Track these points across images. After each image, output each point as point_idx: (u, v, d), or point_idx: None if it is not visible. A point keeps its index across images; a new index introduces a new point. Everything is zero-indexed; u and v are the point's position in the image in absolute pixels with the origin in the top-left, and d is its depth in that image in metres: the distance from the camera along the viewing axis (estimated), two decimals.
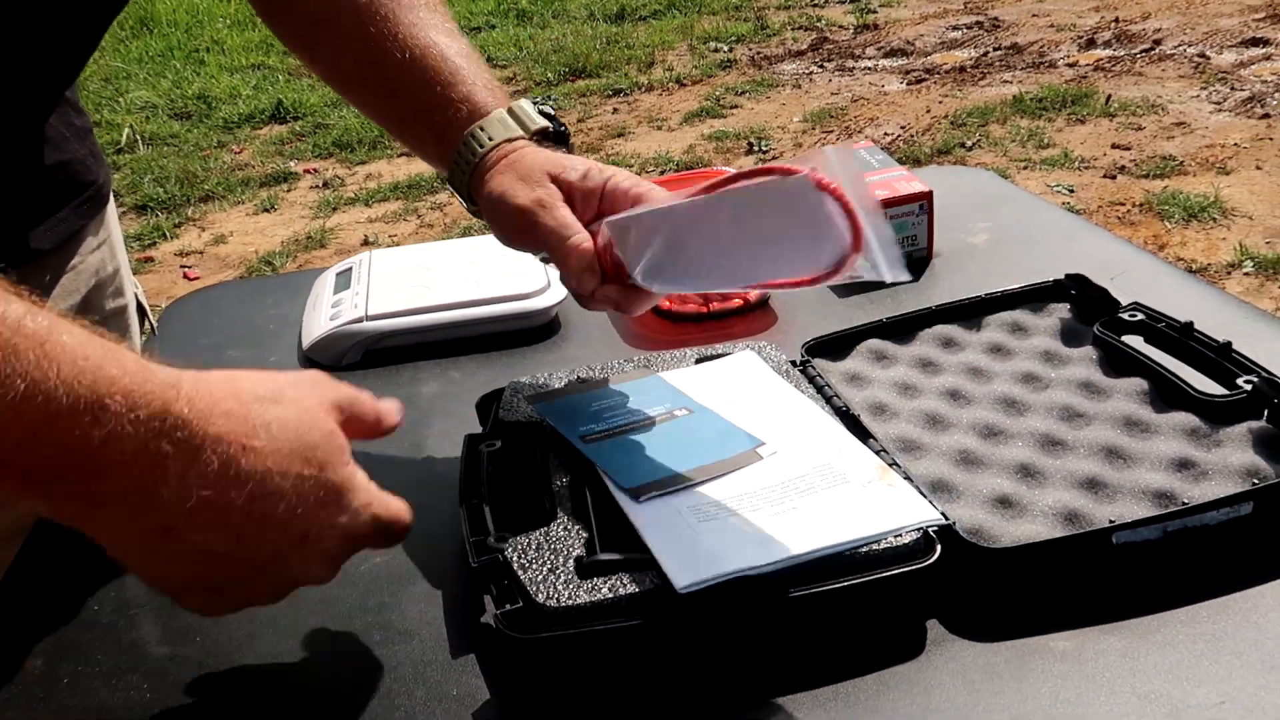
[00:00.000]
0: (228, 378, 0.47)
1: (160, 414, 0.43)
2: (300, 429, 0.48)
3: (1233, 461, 0.59)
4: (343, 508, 0.49)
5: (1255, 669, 0.50)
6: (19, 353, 0.40)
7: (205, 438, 0.44)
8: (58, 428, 0.40)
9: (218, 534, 0.45)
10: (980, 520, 0.58)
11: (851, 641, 0.54)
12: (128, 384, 0.42)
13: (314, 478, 0.47)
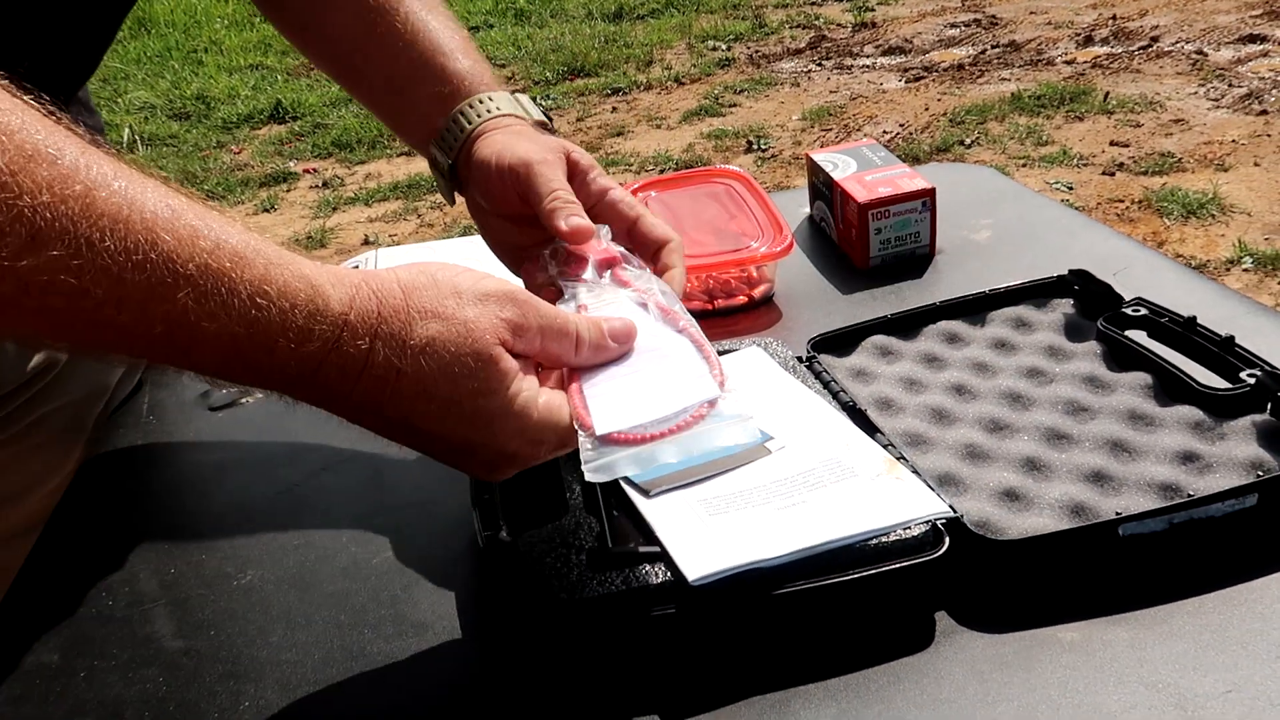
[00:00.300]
0: (405, 288, 0.49)
1: (328, 338, 0.46)
2: (456, 352, 0.48)
3: (1237, 454, 0.60)
4: (494, 432, 0.50)
5: (1261, 658, 0.50)
6: (236, 289, 0.43)
7: (366, 365, 0.47)
8: (252, 346, 0.44)
9: (393, 435, 0.50)
10: (987, 513, 0.58)
11: (862, 633, 0.54)
12: (301, 321, 0.45)
13: (460, 403, 0.48)
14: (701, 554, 0.53)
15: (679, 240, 0.65)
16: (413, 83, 0.68)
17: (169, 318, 0.42)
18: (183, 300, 0.42)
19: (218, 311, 0.43)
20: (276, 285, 0.45)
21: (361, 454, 0.75)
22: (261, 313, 0.44)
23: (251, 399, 0.84)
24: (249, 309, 0.44)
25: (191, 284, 0.42)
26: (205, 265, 0.43)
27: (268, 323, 0.44)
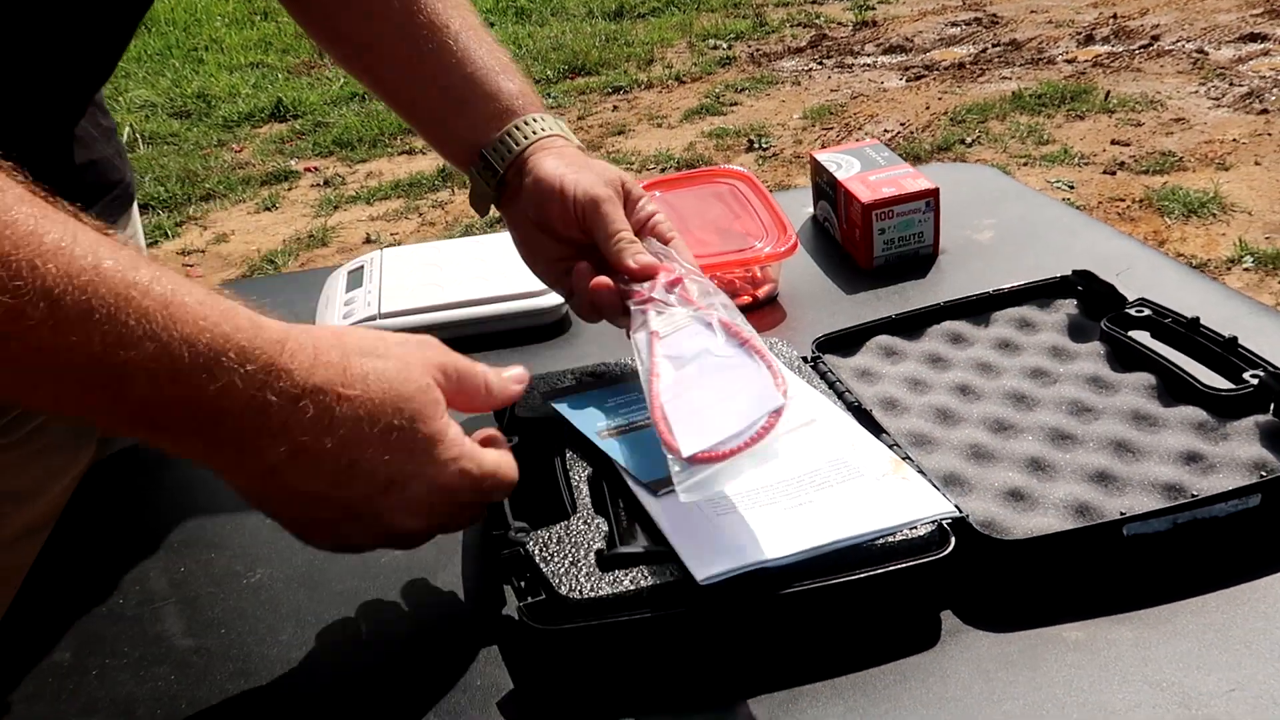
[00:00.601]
0: (335, 333, 0.51)
1: (266, 367, 0.46)
2: (396, 381, 0.51)
3: (1240, 454, 0.60)
4: (431, 459, 0.51)
5: (1264, 657, 0.51)
6: (149, 315, 0.44)
7: (305, 388, 0.47)
8: (179, 382, 0.44)
9: (314, 479, 0.49)
10: (993, 513, 0.59)
11: (868, 632, 0.55)
12: (240, 340, 0.46)
13: (403, 428, 0.50)
14: (709, 554, 0.53)
15: None
16: (465, 99, 0.70)
17: (105, 339, 0.43)
18: (121, 322, 0.43)
19: (159, 332, 0.44)
20: (218, 309, 0.46)
21: None
22: (205, 334, 0.45)
23: None
24: (196, 332, 0.45)
25: (133, 305, 0.43)
26: (147, 288, 0.44)
27: (210, 342, 0.45)
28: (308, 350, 0.48)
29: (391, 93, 0.75)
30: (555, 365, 0.83)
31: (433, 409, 0.52)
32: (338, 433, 0.48)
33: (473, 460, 0.53)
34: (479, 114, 0.70)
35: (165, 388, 0.44)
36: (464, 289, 0.91)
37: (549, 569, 0.53)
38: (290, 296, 1.01)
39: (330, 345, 0.50)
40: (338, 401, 0.48)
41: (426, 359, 0.54)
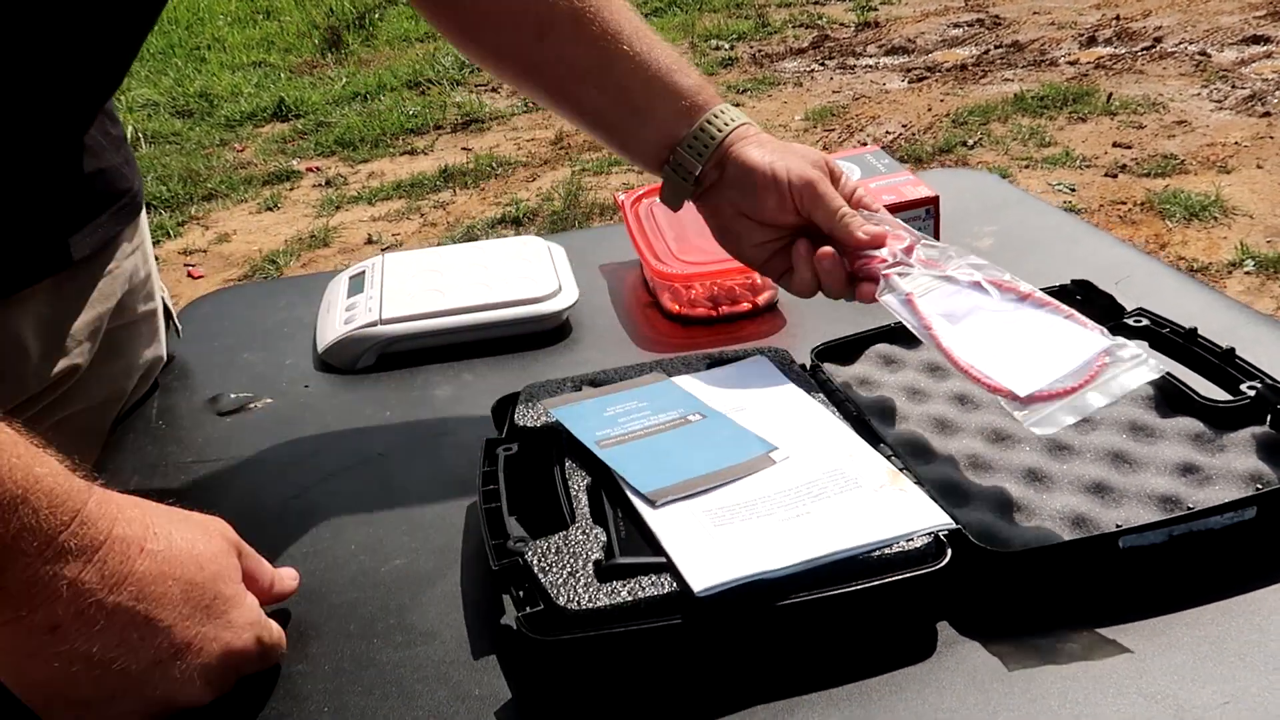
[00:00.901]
0: (135, 499, 0.51)
1: (71, 512, 0.45)
2: (198, 542, 0.51)
3: (1236, 466, 0.61)
4: (229, 622, 0.51)
5: (1259, 670, 0.51)
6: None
7: (108, 537, 0.47)
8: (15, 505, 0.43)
9: (101, 637, 0.46)
10: (989, 524, 0.59)
11: (865, 643, 0.55)
12: (50, 484, 0.45)
13: (204, 586, 0.50)
14: (707, 565, 0.53)
15: None
16: (650, 101, 0.73)
17: None
18: None
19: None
20: (30, 449, 0.46)
21: (370, 460, 0.76)
22: (16, 471, 0.44)
23: (260, 404, 0.85)
24: (7, 468, 0.44)
25: None
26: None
27: (21, 480, 0.44)
28: (111, 502, 0.48)
29: (573, 106, 0.76)
30: (555, 371, 0.83)
31: (233, 572, 0.52)
32: (136, 587, 0.46)
33: (265, 629, 0.53)
34: (665, 114, 0.73)
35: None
36: (465, 295, 0.91)
37: (547, 579, 0.53)
38: (291, 300, 1.01)
39: (133, 504, 0.50)
40: (139, 555, 0.47)
41: (225, 533, 0.54)
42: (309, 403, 0.84)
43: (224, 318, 1.00)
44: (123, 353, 0.82)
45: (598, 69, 0.73)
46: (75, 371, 0.75)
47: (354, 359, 0.88)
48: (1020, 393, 0.58)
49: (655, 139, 0.74)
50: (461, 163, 3.77)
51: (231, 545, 0.54)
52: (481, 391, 0.82)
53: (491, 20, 0.75)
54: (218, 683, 0.51)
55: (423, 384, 0.86)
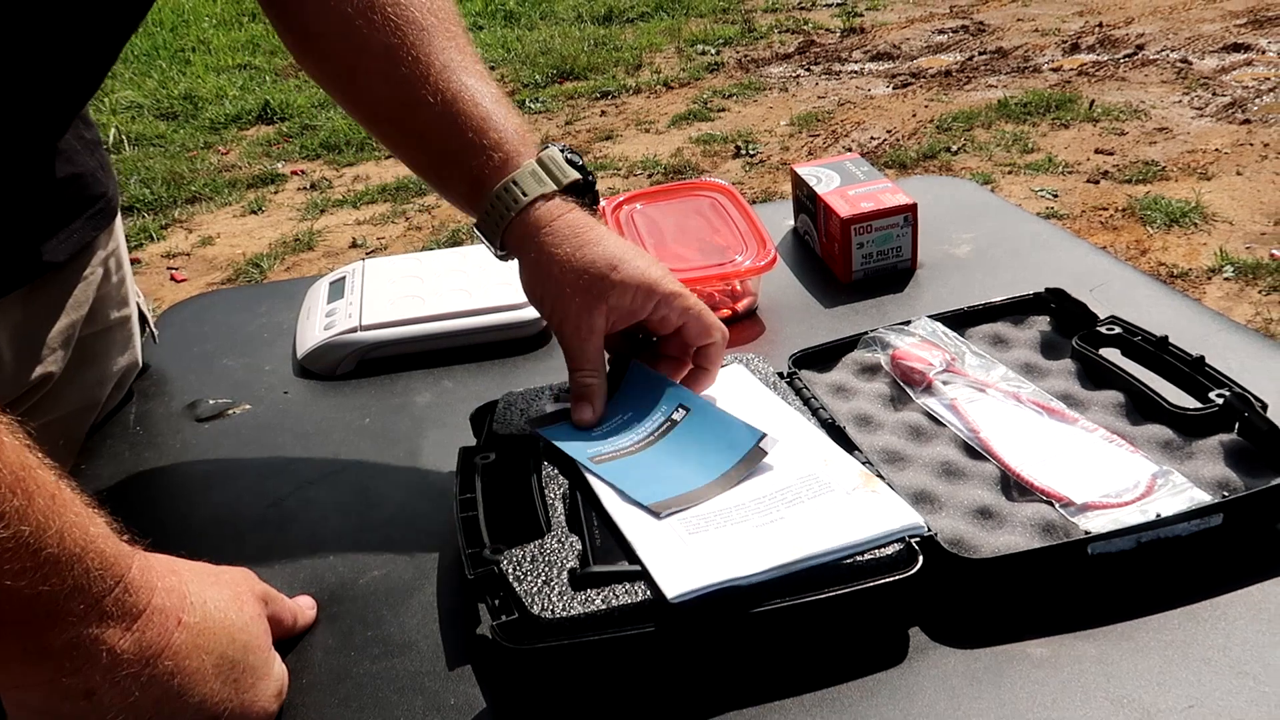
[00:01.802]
0: (172, 559, 0.51)
1: (117, 577, 0.46)
2: (230, 610, 0.51)
3: (1204, 474, 0.61)
4: (256, 695, 0.52)
5: (1223, 674, 0.52)
6: (33, 499, 0.42)
7: (147, 607, 0.47)
8: (39, 575, 0.42)
9: (134, 708, 0.46)
10: (961, 531, 0.59)
11: (837, 649, 0.55)
12: (101, 546, 0.45)
13: (235, 661, 0.50)
14: (680, 572, 0.54)
15: (722, 337, 0.69)
16: (447, 156, 0.69)
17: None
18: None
19: (37, 516, 0.42)
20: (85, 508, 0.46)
21: (348, 468, 0.76)
22: (76, 529, 0.44)
23: (239, 410, 0.85)
24: (68, 526, 0.43)
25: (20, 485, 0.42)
26: (36, 470, 0.43)
27: (79, 539, 0.44)
28: (151, 569, 0.48)
29: (388, 144, 0.73)
30: (534, 378, 0.84)
31: (263, 639, 0.53)
32: (172, 659, 0.47)
33: (285, 688, 0.55)
34: (462, 173, 0.68)
35: (22, 576, 0.42)
36: (445, 301, 0.91)
37: (522, 588, 0.54)
38: (272, 306, 1.01)
39: (169, 570, 0.50)
40: (177, 627, 0.47)
41: (253, 588, 0.55)
42: (288, 409, 0.84)
43: (203, 323, 1.00)
44: (96, 360, 0.82)
45: (401, 112, 0.68)
46: (49, 379, 0.75)
47: (334, 365, 0.88)
48: (1078, 500, 0.60)
49: (466, 200, 0.69)
50: None
51: (259, 600, 0.55)
52: (461, 398, 0.82)
53: (318, 44, 0.71)
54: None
55: (403, 390, 0.86)
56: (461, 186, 0.69)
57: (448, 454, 0.69)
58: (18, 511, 0.41)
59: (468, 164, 0.67)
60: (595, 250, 0.66)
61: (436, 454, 0.76)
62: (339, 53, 0.70)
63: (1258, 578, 0.57)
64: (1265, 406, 0.64)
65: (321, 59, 0.73)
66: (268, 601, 0.56)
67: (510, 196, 0.66)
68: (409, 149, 0.71)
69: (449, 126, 0.67)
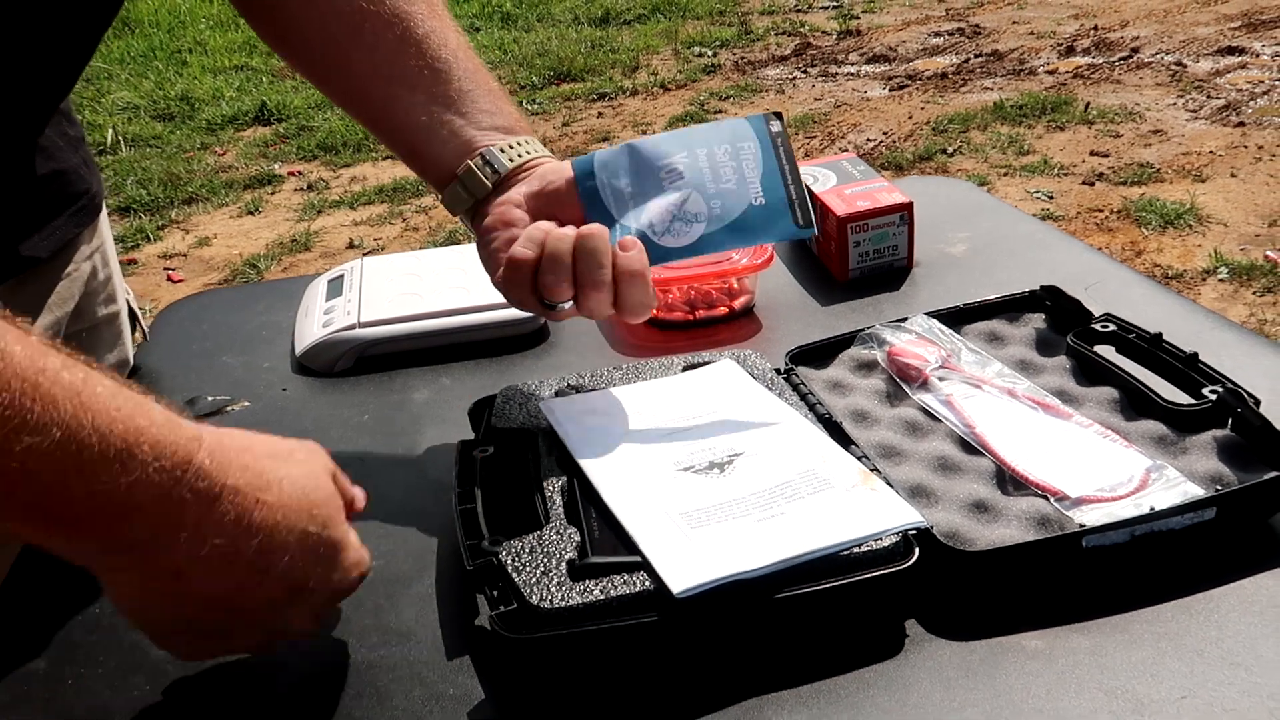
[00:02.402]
0: (244, 435, 0.51)
1: (184, 464, 0.46)
2: (308, 487, 0.51)
3: (1197, 468, 0.62)
4: (336, 564, 0.53)
5: (1215, 665, 0.52)
6: (57, 402, 0.42)
7: (224, 488, 0.47)
8: (87, 473, 0.43)
9: (222, 581, 0.48)
10: (957, 524, 0.60)
11: (834, 640, 0.56)
12: (155, 434, 0.45)
13: (316, 535, 0.51)
14: (685, 566, 0.54)
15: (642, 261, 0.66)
16: (430, 131, 0.69)
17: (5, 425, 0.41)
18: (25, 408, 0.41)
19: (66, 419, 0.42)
20: (131, 401, 0.45)
21: (347, 463, 0.76)
22: (118, 424, 0.43)
23: (237, 406, 0.85)
24: (108, 422, 0.43)
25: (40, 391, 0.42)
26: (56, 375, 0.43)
27: (124, 433, 0.44)
28: (223, 450, 0.48)
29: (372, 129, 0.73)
30: (532, 375, 0.84)
31: (339, 515, 0.54)
32: (255, 538, 0.48)
33: (365, 563, 0.55)
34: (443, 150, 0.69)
35: (70, 479, 0.42)
36: (443, 299, 0.92)
37: (520, 579, 0.54)
38: (270, 304, 1.02)
39: (243, 448, 0.50)
40: (255, 506, 0.48)
41: (325, 463, 0.55)
42: (287, 406, 0.85)
43: (201, 321, 1.00)
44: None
45: (385, 82, 0.69)
46: None
47: (332, 362, 0.89)
48: (1072, 494, 0.61)
49: (429, 178, 0.71)
50: None
51: (331, 476, 0.55)
52: (459, 395, 0.82)
53: (297, 22, 0.71)
54: (325, 616, 0.54)
55: (401, 387, 0.86)
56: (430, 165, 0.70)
57: (446, 449, 0.69)
58: (40, 418, 0.41)
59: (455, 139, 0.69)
60: None
61: (435, 449, 0.76)
62: (331, 24, 0.70)
63: (1250, 571, 0.58)
64: (1258, 402, 0.65)
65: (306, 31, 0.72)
66: (338, 479, 0.56)
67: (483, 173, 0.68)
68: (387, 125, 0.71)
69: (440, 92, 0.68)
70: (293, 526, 0.49)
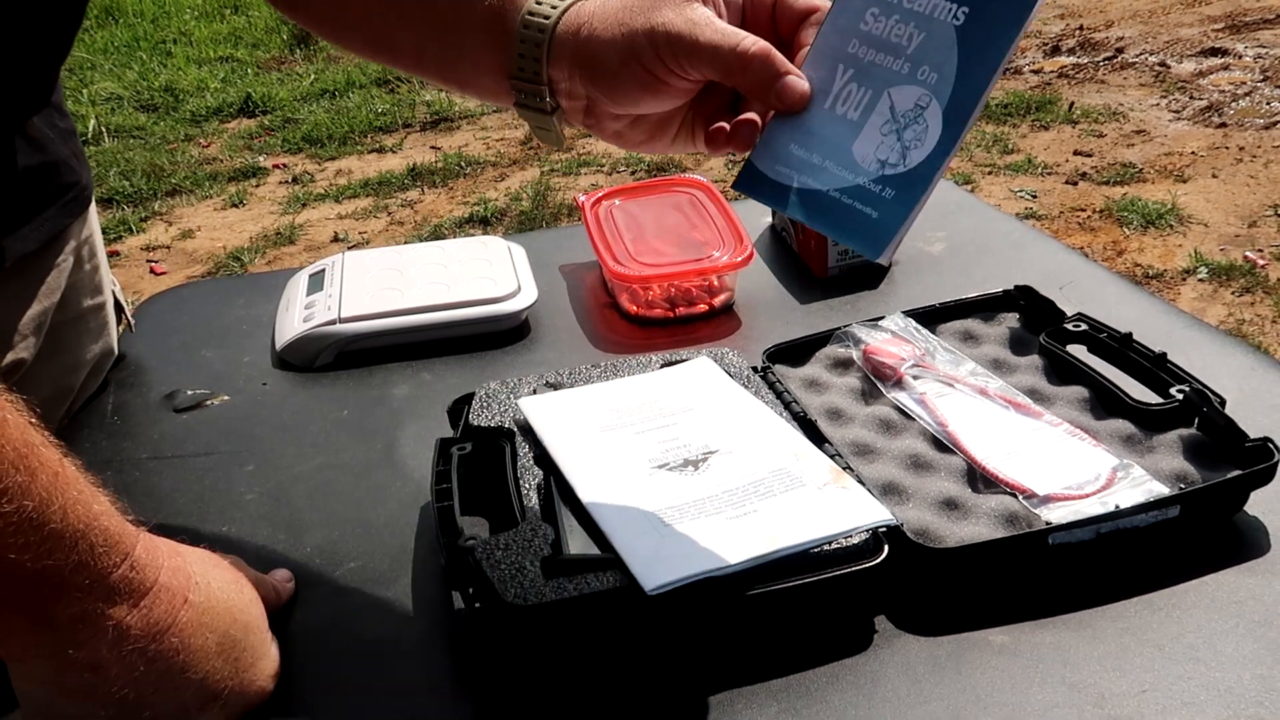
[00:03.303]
0: (171, 542, 0.52)
1: (122, 555, 0.46)
2: (232, 592, 0.53)
3: (1163, 466, 0.63)
4: (256, 673, 0.53)
5: (1175, 660, 0.53)
6: (36, 477, 0.43)
7: (154, 585, 0.48)
8: (43, 549, 0.43)
9: (139, 682, 0.47)
10: (927, 522, 0.61)
11: (805, 636, 0.57)
12: (105, 523, 0.46)
13: (237, 640, 0.51)
14: (657, 563, 0.55)
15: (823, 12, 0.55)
16: (458, 14, 0.57)
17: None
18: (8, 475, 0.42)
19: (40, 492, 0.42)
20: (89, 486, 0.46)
21: (328, 459, 0.77)
22: (79, 506, 0.44)
23: (217, 401, 0.85)
24: (70, 503, 0.44)
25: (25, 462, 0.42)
26: (40, 449, 0.44)
27: (82, 516, 0.44)
28: (156, 549, 0.49)
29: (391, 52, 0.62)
30: (513, 371, 0.84)
31: (260, 620, 0.54)
32: (178, 636, 0.48)
33: (277, 669, 0.55)
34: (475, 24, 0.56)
35: (27, 552, 0.42)
36: (425, 294, 0.92)
37: (495, 575, 0.54)
38: (251, 298, 1.02)
39: (173, 551, 0.51)
40: (183, 605, 0.49)
41: (250, 572, 0.57)
42: (267, 401, 0.85)
43: (182, 314, 1.00)
44: (68, 348, 0.82)
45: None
46: (20, 366, 0.75)
47: (312, 357, 0.89)
48: (1040, 492, 0.62)
49: (484, 61, 0.56)
50: (430, 161, 3.76)
51: (255, 583, 0.56)
52: (440, 391, 0.83)
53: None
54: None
55: (381, 383, 0.86)
56: (480, 41, 0.56)
57: (425, 446, 0.70)
58: (21, 487, 0.42)
59: (481, 6, 0.56)
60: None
61: (414, 446, 0.77)
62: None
63: (1212, 568, 0.59)
64: (1223, 402, 0.66)
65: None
66: (256, 583, 0.57)
67: (546, 4, 0.55)
68: (411, 28, 0.59)
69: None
70: (215, 628, 0.50)
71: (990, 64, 0.49)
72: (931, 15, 0.51)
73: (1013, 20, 0.49)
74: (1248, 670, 0.52)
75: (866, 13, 0.52)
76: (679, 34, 0.52)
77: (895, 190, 0.50)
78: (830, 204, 0.51)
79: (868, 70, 0.52)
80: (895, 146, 0.50)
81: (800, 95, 0.53)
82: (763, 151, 0.55)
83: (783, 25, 0.56)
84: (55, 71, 0.74)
